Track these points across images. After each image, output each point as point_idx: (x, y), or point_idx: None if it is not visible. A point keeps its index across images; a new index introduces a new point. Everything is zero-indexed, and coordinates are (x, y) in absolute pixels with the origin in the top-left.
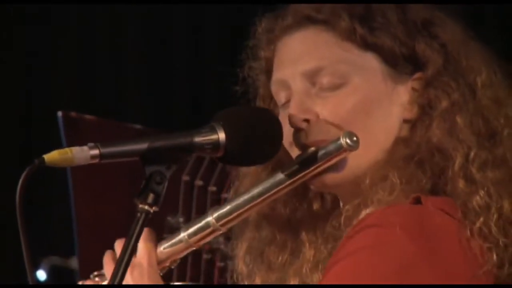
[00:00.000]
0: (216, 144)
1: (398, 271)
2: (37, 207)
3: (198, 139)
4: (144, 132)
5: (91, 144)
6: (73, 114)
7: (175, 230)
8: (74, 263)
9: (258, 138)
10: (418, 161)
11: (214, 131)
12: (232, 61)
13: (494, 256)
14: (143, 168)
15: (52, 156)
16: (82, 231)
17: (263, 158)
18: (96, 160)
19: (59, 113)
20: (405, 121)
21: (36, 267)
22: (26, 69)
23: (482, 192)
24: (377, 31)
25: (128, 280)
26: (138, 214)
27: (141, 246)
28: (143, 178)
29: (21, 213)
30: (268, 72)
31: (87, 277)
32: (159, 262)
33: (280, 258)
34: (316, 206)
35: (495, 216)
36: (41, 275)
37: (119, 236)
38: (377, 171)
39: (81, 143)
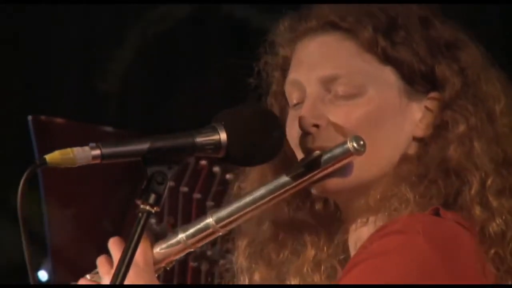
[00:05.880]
0: (217, 145)
1: (418, 275)
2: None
3: (199, 139)
4: (115, 134)
5: (93, 144)
6: (42, 117)
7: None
8: None
9: (260, 138)
10: (432, 180)
11: (215, 131)
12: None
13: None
14: (144, 168)
15: (53, 157)
16: (54, 233)
17: (265, 158)
18: (98, 161)
19: (29, 117)
20: (415, 138)
21: (37, 268)
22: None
23: (498, 220)
24: (399, 45)
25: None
26: (140, 215)
27: (140, 250)
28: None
29: (22, 213)
30: (284, 69)
31: (62, 278)
32: (155, 262)
33: (280, 255)
34: (318, 206)
35: (511, 245)
36: (43, 275)
37: (92, 237)
38: (387, 186)
39: (52, 146)
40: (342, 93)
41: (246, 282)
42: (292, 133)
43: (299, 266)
